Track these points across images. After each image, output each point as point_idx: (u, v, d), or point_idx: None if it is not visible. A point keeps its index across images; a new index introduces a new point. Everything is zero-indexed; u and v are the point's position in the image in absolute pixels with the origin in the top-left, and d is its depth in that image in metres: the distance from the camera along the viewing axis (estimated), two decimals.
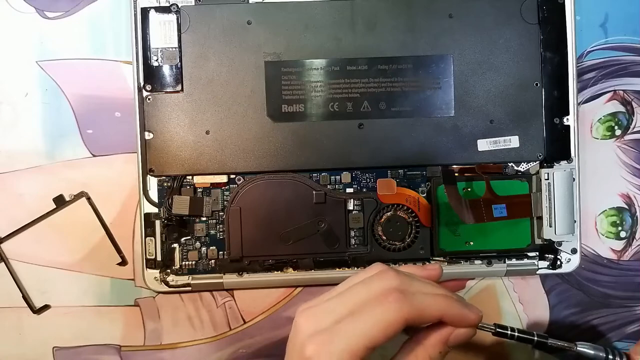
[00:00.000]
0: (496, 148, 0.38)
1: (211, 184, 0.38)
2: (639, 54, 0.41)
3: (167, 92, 0.38)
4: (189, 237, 0.39)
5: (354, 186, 0.39)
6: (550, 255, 0.39)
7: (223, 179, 0.38)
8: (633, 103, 0.41)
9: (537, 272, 0.40)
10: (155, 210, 0.38)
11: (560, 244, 0.39)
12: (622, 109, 0.41)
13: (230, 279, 0.39)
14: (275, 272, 0.39)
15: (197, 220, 0.39)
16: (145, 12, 0.38)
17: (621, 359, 0.29)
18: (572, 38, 0.39)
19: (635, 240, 0.41)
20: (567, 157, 0.39)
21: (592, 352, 0.30)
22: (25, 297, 0.39)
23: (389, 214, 0.39)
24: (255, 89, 0.38)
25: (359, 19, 0.38)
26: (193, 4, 0.38)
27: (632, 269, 0.41)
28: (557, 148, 0.39)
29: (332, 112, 0.38)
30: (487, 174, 0.38)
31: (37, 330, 0.40)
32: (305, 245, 0.38)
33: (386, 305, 0.25)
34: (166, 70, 0.38)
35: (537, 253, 0.39)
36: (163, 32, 0.38)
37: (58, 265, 0.40)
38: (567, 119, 0.39)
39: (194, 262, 0.39)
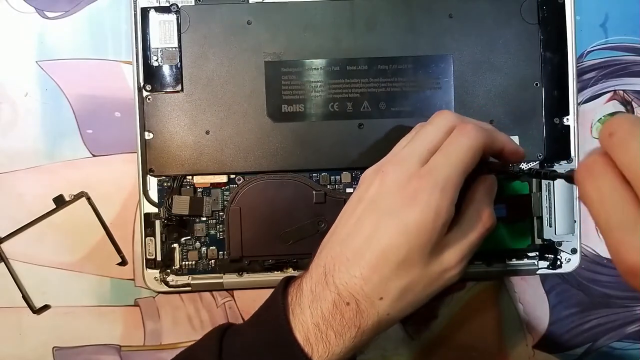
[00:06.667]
0: None
1: (211, 184, 0.38)
2: (639, 54, 0.41)
3: (167, 92, 0.38)
4: (189, 237, 0.39)
5: (354, 186, 0.39)
6: (550, 255, 0.39)
7: (223, 179, 0.38)
8: (633, 103, 0.41)
9: (537, 272, 0.40)
10: (155, 210, 0.38)
11: (560, 244, 0.39)
12: (622, 109, 0.41)
13: (230, 279, 0.39)
14: (275, 272, 0.39)
15: (197, 220, 0.39)
16: (145, 12, 0.38)
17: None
18: (572, 38, 0.39)
19: None
20: (567, 157, 0.39)
21: None
22: (25, 297, 0.39)
23: None
24: (255, 89, 0.38)
25: (359, 19, 0.38)
26: (193, 4, 0.38)
27: None
28: (557, 148, 0.39)
29: (332, 112, 0.38)
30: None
31: (37, 330, 0.40)
32: (305, 245, 0.38)
33: (468, 134, 0.28)
34: (166, 70, 0.38)
35: (537, 253, 0.39)
36: (163, 32, 0.38)
37: (58, 265, 0.40)
38: (567, 119, 0.39)
39: (194, 262, 0.39)
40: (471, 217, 0.29)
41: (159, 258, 0.38)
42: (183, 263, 0.39)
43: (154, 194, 0.38)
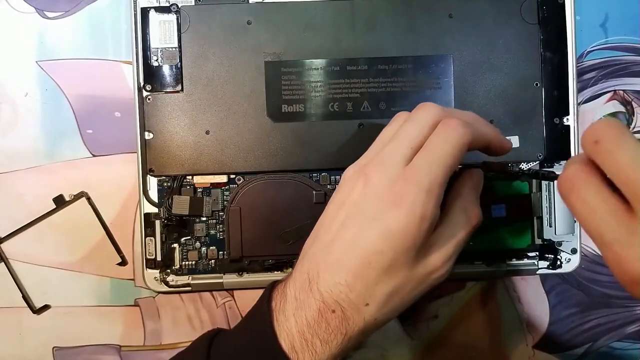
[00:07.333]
0: None
1: (211, 184, 0.38)
2: (639, 54, 0.41)
3: (167, 92, 0.38)
4: (189, 237, 0.39)
5: None
6: (550, 255, 0.39)
7: (223, 179, 0.38)
8: (633, 103, 0.41)
9: (537, 272, 0.40)
10: (155, 210, 0.38)
11: (560, 244, 0.39)
12: (622, 109, 0.41)
13: (230, 279, 0.39)
14: (275, 272, 0.39)
15: (197, 220, 0.39)
16: (145, 12, 0.38)
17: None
18: (572, 38, 0.39)
19: None
20: (567, 157, 0.39)
21: None
22: (25, 297, 0.39)
23: None
24: (255, 89, 0.38)
25: (359, 19, 0.38)
26: (193, 4, 0.38)
27: None
28: (557, 148, 0.39)
29: (332, 112, 0.38)
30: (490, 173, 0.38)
31: (37, 330, 0.40)
32: None
33: (453, 130, 0.27)
34: (166, 70, 0.38)
35: (537, 253, 0.39)
36: (163, 32, 0.38)
37: (58, 265, 0.40)
38: (567, 119, 0.39)
39: (193, 262, 0.39)
40: (457, 215, 0.29)
41: (159, 258, 0.38)
42: (183, 263, 0.39)
43: (154, 194, 0.38)
